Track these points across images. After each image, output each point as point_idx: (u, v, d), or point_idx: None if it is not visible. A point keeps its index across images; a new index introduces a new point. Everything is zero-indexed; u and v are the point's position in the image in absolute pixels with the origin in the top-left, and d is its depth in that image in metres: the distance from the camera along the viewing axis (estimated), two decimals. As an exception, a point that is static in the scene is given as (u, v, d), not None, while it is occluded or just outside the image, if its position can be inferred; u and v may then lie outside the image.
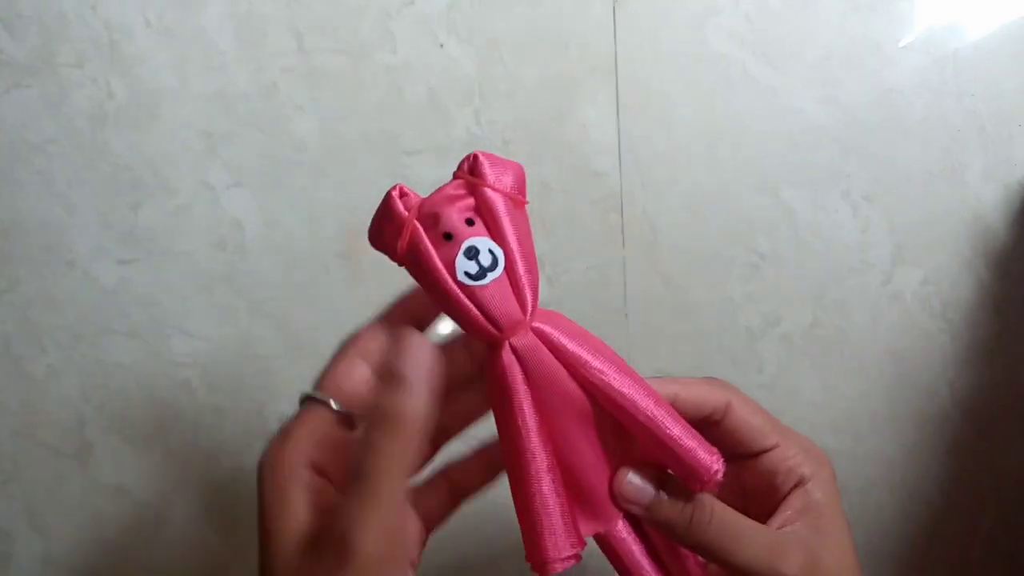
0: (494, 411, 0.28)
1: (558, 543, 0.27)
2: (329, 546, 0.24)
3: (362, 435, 0.25)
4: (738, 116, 0.45)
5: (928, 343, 0.45)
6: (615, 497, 0.28)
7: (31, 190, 0.43)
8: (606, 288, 0.45)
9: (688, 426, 0.27)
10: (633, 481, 0.28)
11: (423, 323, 0.29)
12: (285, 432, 0.27)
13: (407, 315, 0.29)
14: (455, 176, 0.28)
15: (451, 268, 0.26)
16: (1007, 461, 0.45)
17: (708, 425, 0.30)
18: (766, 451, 0.31)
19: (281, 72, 0.44)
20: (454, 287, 0.26)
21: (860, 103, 0.45)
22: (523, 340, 0.27)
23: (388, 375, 0.25)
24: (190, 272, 0.44)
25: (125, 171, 0.44)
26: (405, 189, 0.27)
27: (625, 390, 0.27)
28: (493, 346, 0.27)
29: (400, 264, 0.28)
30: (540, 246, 0.44)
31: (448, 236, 0.26)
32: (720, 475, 0.27)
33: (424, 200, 0.27)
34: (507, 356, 0.27)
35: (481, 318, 0.26)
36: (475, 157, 0.28)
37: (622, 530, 0.29)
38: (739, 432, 0.30)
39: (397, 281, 0.44)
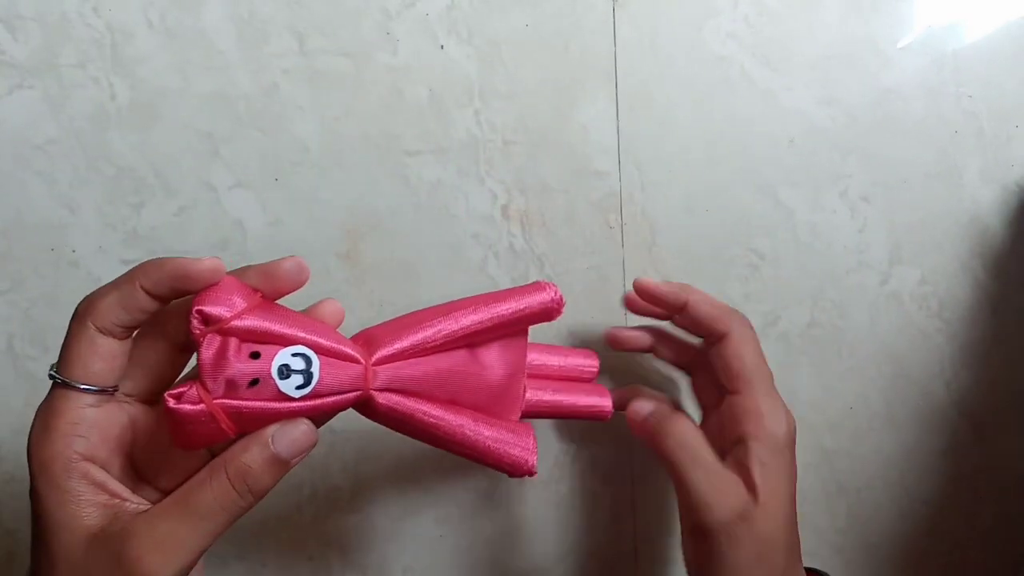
0: (405, 433, 0.30)
1: (523, 448, 0.31)
2: (127, 562, 0.24)
3: (214, 475, 0.25)
4: (737, 117, 0.45)
5: (926, 343, 0.46)
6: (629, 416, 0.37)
7: (33, 191, 0.44)
8: (605, 288, 0.45)
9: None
10: (637, 404, 0.37)
11: (157, 293, 0.27)
12: (45, 425, 0.26)
13: (138, 284, 0.27)
14: (190, 328, 0.26)
15: (276, 392, 0.26)
16: (1005, 460, 0.46)
17: (708, 345, 0.37)
18: (735, 392, 0.35)
19: (282, 73, 0.44)
20: (301, 406, 0.26)
21: (858, 104, 0.46)
22: (380, 399, 0.28)
23: (265, 444, 0.26)
24: (192, 272, 0.44)
25: (127, 172, 0.44)
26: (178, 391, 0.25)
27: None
28: (362, 407, 0.29)
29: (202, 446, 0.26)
30: (540, 246, 0.45)
31: (255, 382, 0.25)
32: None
33: (207, 364, 0.25)
34: (383, 406, 0.29)
35: (346, 404, 0.28)
36: (199, 296, 0.26)
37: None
38: (717, 363, 0.36)
39: (397, 281, 0.45)
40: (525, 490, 0.44)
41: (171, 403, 0.24)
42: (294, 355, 0.26)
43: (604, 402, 0.38)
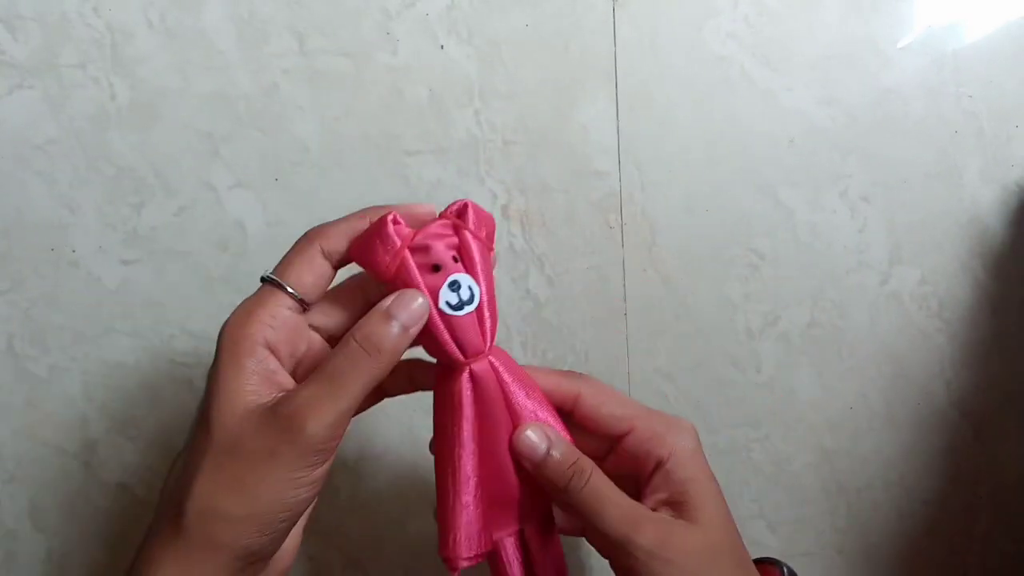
0: (438, 420, 0.32)
1: (471, 543, 0.31)
2: (282, 419, 0.28)
3: (345, 344, 0.29)
4: (736, 117, 0.45)
5: (925, 343, 0.46)
6: (512, 449, 0.32)
7: (34, 191, 0.44)
8: (605, 288, 0.45)
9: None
10: (530, 436, 0.32)
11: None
12: (247, 310, 0.30)
13: (368, 218, 0.31)
14: (442, 216, 0.31)
15: (435, 296, 0.30)
16: (1004, 460, 0.46)
17: (564, 415, 0.33)
18: (623, 435, 0.33)
19: (282, 73, 0.44)
20: (435, 313, 0.30)
21: (858, 104, 0.46)
22: (480, 367, 0.31)
23: (386, 312, 0.29)
24: (192, 272, 0.44)
25: (127, 172, 0.44)
26: (398, 218, 0.30)
27: (537, 413, 0.32)
28: (453, 368, 0.31)
29: (382, 282, 0.30)
30: (540, 246, 0.45)
31: (437, 267, 0.30)
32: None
33: (416, 232, 0.30)
34: (465, 378, 0.31)
35: (452, 343, 0.30)
36: (464, 205, 0.31)
37: (510, 548, 0.33)
38: (591, 421, 0.33)
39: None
40: None
41: (389, 221, 0.29)
42: (470, 287, 0.30)
43: None
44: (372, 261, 0.30)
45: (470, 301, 0.30)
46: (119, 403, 0.44)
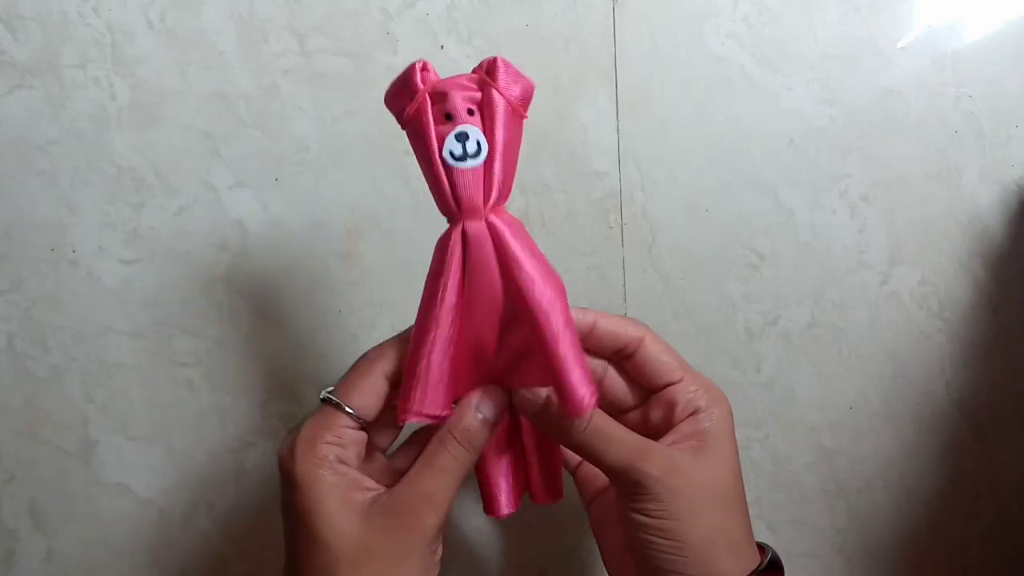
0: (426, 282, 0.32)
1: (427, 402, 0.31)
2: (404, 516, 0.30)
3: (445, 441, 0.32)
4: (736, 117, 0.45)
5: (925, 342, 0.46)
6: (513, 404, 0.33)
7: (34, 191, 0.44)
8: (606, 288, 0.45)
9: (581, 357, 0.31)
10: (524, 393, 0.33)
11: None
12: (311, 436, 0.31)
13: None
14: (473, 70, 0.31)
15: (441, 143, 0.30)
16: (1005, 460, 0.46)
17: (622, 358, 0.35)
18: (671, 383, 0.34)
19: (282, 73, 0.44)
20: (437, 160, 0.30)
21: (858, 104, 0.46)
22: (474, 227, 0.30)
23: (475, 407, 0.32)
24: (192, 272, 0.44)
25: (128, 172, 0.44)
26: (428, 65, 0.30)
27: (543, 301, 0.30)
28: (450, 222, 0.31)
29: (402, 127, 0.31)
30: (541, 246, 0.44)
31: (449, 116, 0.30)
32: (589, 405, 0.30)
33: (439, 80, 0.30)
34: (456, 234, 0.30)
35: (449, 193, 0.30)
36: (494, 60, 0.30)
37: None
38: (648, 365, 0.34)
39: (397, 281, 0.45)
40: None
41: (416, 64, 0.30)
42: (478, 141, 0.30)
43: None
44: (396, 105, 0.30)
45: (475, 155, 0.30)
46: (119, 403, 0.44)
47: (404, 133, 0.32)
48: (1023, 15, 0.46)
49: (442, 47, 0.44)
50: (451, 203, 0.30)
